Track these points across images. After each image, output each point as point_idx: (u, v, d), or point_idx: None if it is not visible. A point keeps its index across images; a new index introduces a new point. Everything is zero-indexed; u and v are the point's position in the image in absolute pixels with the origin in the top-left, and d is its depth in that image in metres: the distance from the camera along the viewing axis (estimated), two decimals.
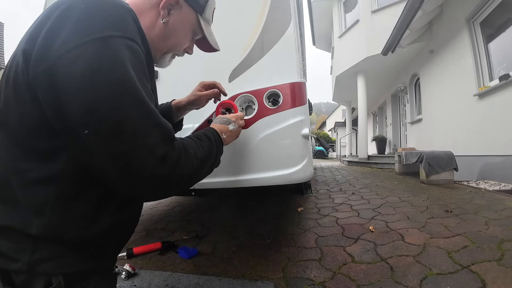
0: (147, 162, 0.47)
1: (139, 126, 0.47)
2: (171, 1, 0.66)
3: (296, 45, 1.27)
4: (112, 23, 0.48)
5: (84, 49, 0.44)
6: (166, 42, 0.70)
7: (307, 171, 1.23)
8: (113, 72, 0.45)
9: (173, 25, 0.68)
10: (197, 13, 0.73)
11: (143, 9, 0.66)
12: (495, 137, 3.47)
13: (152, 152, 0.48)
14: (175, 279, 1.27)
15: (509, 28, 3.46)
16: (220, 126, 0.77)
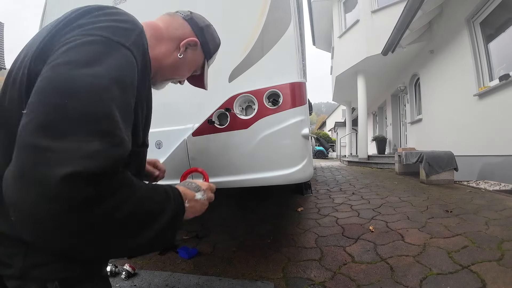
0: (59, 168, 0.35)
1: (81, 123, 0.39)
2: (192, 42, 0.75)
3: (296, 45, 1.27)
4: (115, 29, 0.50)
5: (77, 43, 0.45)
6: (173, 72, 0.77)
7: (307, 171, 1.23)
8: (84, 69, 0.42)
9: (185, 60, 0.77)
10: (205, 57, 0.83)
11: (164, 37, 0.72)
12: (495, 137, 3.47)
13: (71, 162, 0.36)
14: (175, 279, 1.27)
15: (509, 28, 3.46)
16: (186, 190, 0.59)
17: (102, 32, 0.47)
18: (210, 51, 0.83)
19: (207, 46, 0.81)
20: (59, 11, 1.88)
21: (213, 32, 0.85)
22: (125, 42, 0.49)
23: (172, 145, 1.36)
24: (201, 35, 0.79)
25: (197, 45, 0.78)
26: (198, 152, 1.32)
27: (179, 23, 0.76)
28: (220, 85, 1.33)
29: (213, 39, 0.84)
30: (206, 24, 0.82)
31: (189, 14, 0.80)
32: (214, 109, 1.30)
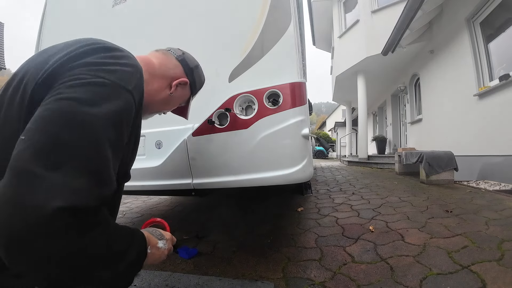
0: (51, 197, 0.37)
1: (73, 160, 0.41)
2: (183, 82, 0.84)
3: (296, 45, 1.27)
4: (119, 74, 0.54)
5: (82, 82, 0.48)
6: (163, 106, 0.85)
7: (307, 171, 1.23)
8: (86, 108, 0.46)
9: (174, 97, 0.84)
10: (191, 94, 0.93)
11: (157, 74, 0.78)
12: (495, 137, 3.48)
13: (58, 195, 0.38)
14: (175, 279, 1.27)
15: (509, 28, 3.46)
16: (150, 236, 0.61)
17: (109, 76, 0.51)
18: (196, 89, 0.93)
19: (194, 84, 0.90)
20: (59, 11, 1.88)
21: (200, 72, 0.95)
22: (127, 86, 0.54)
23: (172, 145, 1.36)
24: (191, 76, 0.87)
25: (187, 84, 0.86)
26: (198, 152, 1.32)
27: (172, 63, 0.83)
28: (220, 85, 1.33)
29: (199, 78, 0.93)
30: (195, 65, 0.91)
31: (182, 55, 0.87)
32: (214, 109, 1.31)
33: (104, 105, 0.47)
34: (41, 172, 0.39)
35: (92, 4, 1.71)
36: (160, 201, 3.30)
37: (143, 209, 2.89)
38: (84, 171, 0.42)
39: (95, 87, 0.48)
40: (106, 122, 0.47)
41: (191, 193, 1.49)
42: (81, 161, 0.42)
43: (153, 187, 1.45)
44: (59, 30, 1.80)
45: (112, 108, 0.48)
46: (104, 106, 0.47)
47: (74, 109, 0.44)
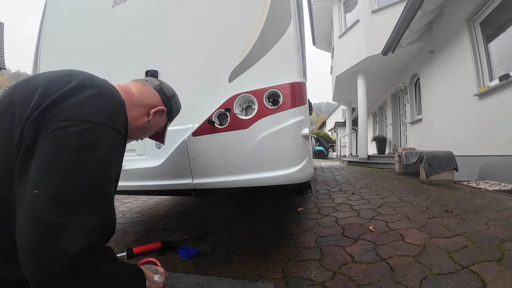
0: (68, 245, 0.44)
1: (84, 203, 0.48)
2: (161, 110, 0.87)
3: (296, 45, 1.27)
4: (107, 114, 0.57)
5: (73, 124, 0.51)
6: (140, 133, 0.88)
7: (307, 171, 1.23)
8: (83, 152, 0.51)
9: (152, 124, 0.87)
10: (168, 120, 0.97)
11: (135, 103, 0.81)
12: (495, 137, 3.47)
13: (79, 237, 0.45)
14: (175, 279, 1.27)
15: (509, 28, 3.45)
16: (147, 271, 0.68)
17: (97, 118, 0.54)
18: (172, 116, 0.97)
19: (171, 112, 0.94)
20: (59, 12, 1.87)
21: (177, 100, 0.99)
22: (116, 126, 0.58)
23: (172, 145, 1.36)
24: (168, 104, 0.91)
25: (163, 111, 0.90)
26: (198, 152, 1.32)
27: (150, 93, 0.87)
28: (220, 85, 1.33)
29: (176, 106, 0.98)
30: (172, 94, 0.95)
31: (159, 85, 0.91)
32: (214, 109, 1.30)
33: (99, 149, 0.53)
34: (61, 221, 0.45)
35: (92, 4, 1.71)
36: (160, 201, 3.30)
37: (143, 209, 2.89)
38: (96, 211, 0.49)
39: (88, 133, 0.52)
40: (105, 165, 0.53)
41: (191, 193, 1.49)
42: (91, 204, 0.49)
43: (153, 187, 1.44)
44: (59, 30, 1.80)
45: (105, 150, 0.54)
46: (99, 150, 0.53)
47: (75, 159, 0.49)
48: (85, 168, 0.50)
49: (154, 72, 1.45)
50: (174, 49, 1.45)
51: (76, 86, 0.56)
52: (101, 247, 0.49)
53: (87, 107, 0.54)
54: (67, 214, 0.45)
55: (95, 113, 0.54)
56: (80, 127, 0.51)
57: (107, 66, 1.61)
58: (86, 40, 1.69)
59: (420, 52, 6.06)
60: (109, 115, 0.57)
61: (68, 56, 1.73)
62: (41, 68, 1.80)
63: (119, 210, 2.88)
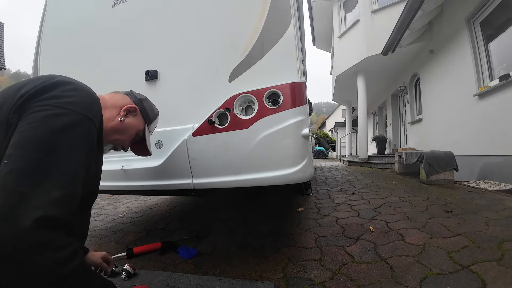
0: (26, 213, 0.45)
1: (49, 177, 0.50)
2: (131, 108, 0.91)
3: (296, 45, 1.27)
4: (81, 104, 0.62)
5: (50, 108, 0.57)
6: (114, 135, 0.88)
7: (307, 171, 1.23)
8: (54, 131, 0.54)
9: (126, 124, 0.89)
10: (146, 123, 0.99)
11: (108, 104, 0.86)
12: (495, 137, 3.47)
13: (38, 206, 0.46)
14: (175, 279, 1.27)
15: (509, 28, 3.45)
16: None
17: (72, 106, 0.60)
18: (149, 118, 0.99)
19: (146, 113, 0.97)
20: (59, 12, 1.87)
21: (151, 103, 1.03)
22: (88, 114, 0.63)
23: (172, 145, 1.36)
24: (140, 104, 0.96)
25: (137, 111, 0.93)
26: (198, 152, 1.32)
27: (120, 96, 0.93)
28: (220, 85, 1.33)
29: (151, 109, 1.01)
30: (143, 97, 1.00)
31: (129, 91, 0.98)
32: (214, 109, 1.30)
33: (71, 132, 0.57)
34: (21, 190, 0.47)
35: (92, 4, 1.71)
36: (160, 201, 3.30)
37: (143, 209, 2.89)
38: (58, 186, 0.50)
39: (61, 117, 0.57)
40: (73, 146, 0.56)
41: (191, 193, 1.49)
42: (57, 177, 0.51)
43: (153, 187, 1.44)
44: (59, 30, 1.80)
45: (76, 134, 0.58)
46: (71, 133, 0.57)
47: (46, 136, 0.53)
48: (52, 146, 0.53)
49: (154, 72, 1.45)
50: (174, 49, 1.45)
51: (57, 82, 0.64)
52: (66, 225, 0.50)
53: (63, 97, 0.60)
54: (27, 184, 0.48)
55: (70, 103, 0.60)
56: (54, 111, 0.56)
57: (107, 66, 1.61)
58: (86, 40, 1.69)
59: (420, 52, 6.05)
60: (83, 105, 0.62)
61: (68, 56, 1.74)
62: (41, 68, 1.80)
63: (119, 210, 2.88)
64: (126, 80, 1.52)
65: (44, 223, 0.46)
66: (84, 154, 0.59)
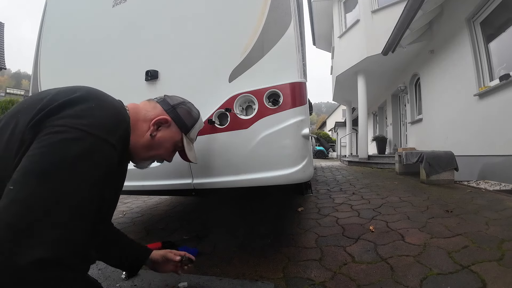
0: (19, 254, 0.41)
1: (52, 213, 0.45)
2: (162, 120, 0.78)
3: (296, 45, 1.27)
4: (104, 126, 0.55)
5: (68, 130, 0.50)
6: (148, 152, 0.78)
7: (307, 171, 1.23)
8: (66, 160, 0.48)
9: (159, 139, 0.78)
10: (182, 133, 0.85)
11: (140, 118, 0.76)
12: (495, 137, 3.47)
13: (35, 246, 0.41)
14: (175, 279, 1.27)
15: (509, 28, 3.45)
16: None
17: (93, 130, 0.53)
18: (186, 125, 0.85)
19: (181, 121, 0.84)
20: (59, 12, 1.87)
21: (188, 107, 0.88)
22: (111, 139, 0.55)
23: None
24: (173, 113, 0.82)
25: (169, 122, 0.80)
26: (198, 152, 1.31)
27: (151, 106, 0.81)
28: (220, 85, 1.33)
29: (188, 113, 0.87)
30: (178, 102, 0.86)
31: (162, 97, 0.86)
32: (214, 109, 1.30)
33: (85, 160, 0.50)
34: (19, 225, 0.42)
35: (92, 4, 1.71)
36: (160, 201, 3.30)
37: (143, 209, 2.89)
38: (59, 226, 0.45)
39: (77, 142, 0.50)
40: (86, 176, 0.50)
41: (191, 193, 1.49)
42: (61, 216, 0.45)
43: (153, 187, 1.44)
44: (59, 30, 1.80)
45: (93, 161, 0.52)
46: (85, 161, 0.50)
47: (57, 165, 0.47)
48: (62, 177, 0.47)
49: (154, 72, 1.45)
50: (174, 49, 1.45)
51: (79, 97, 0.56)
52: (61, 265, 0.44)
53: (84, 117, 0.53)
54: (28, 220, 0.43)
55: (90, 125, 0.53)
56: (71, 134, 0.50)
57: (107, 66, 1.61)
58: (86, 40, 1.69)
59: (420, 52, 6.05)
60: (106, 127, 0.56)
61: (68, 56, 1.74)
62: (41, 68, 1.80)
63: (119, 210, 2.88)
64: (126, 80, 1.53)
65: (44, 264, 0.42)
66: (98, 184, 0.53)
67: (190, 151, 0.91)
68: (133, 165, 0.83)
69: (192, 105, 0.92)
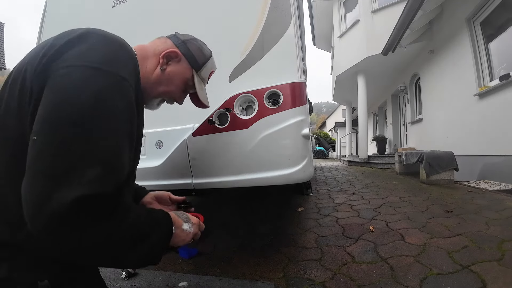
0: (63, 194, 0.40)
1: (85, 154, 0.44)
2: (172, 53, 0.75)
3: (296, 45, 1.27)
4: (112, 60, 0.53)
5: (76, 70, 0.48)
6: (158, 88, 0.76)
7: (307, 171, 1.23)
8: (86, 98, 0.47)
9: (169, 74, 0.75)
10: (193, 70, 0.81)
11: (148, 54, 0.74)
12: (495, 137, 3.47)
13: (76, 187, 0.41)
14: (175, 279, 1.27)
15: (509, 28, 3.45)
16: (176, 217, 0.63)
17: (103, 66, 0.50)
18: (197, 62, 0.82)
19: (192, 57, 0.80)
20: (59, 12, 1.87)
21: (199, 44, 0.85)
22: (119, 71, 0.53)
23: (172, 145, 1.36)
24: (183, 47, 0.79)
25: (179, 57, 0.77)
26: (198, 152, 1.32)
27: (162, 41, 0.79)
28: (220, 85, 1.33)
29: (199, 50, 0.83)
30: (189, 38, 0.84)
31: (173, 34, 0.83)
32: (214, 109, 1.30)
33: (100, 95, 0.48)
34: (58, 172, 0.42)
35: (92, 4, 1.71)
36: None
37: None
38: (98, 162, 0.44)
39: (89, 79, 0.48)
40: (106, 110, 0.48)
41: (191, 193, 1.49)
42: (92, 154, 0.45)
43: (153, 187, 1.44)
44: (59, 30, 1.80)
45: (107, 96, 0.49)
46: (100, 96, 0.48)
47: (75, 106, 0.46)
48: (84, 116, 0.46)
49: None
50: None
51: (79, 36, 0.54)
52: (105, 200, 0.44)
53: (88, 54, 0.51)
54: (61, 163, 0.42)
55: (96, 60, 0.51)
56: (80, 73, 0.48)
57: None
58: None
59: (420, 52, 6.05)
60: (112, 61, 0.53)
61: None
62: None
63: None
64: None
65: (83, 202, 0.41)
66: (124, 120, 0.51)
67: (202, 91, 0.88)
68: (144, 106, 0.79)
69: (204, 44, 0.89)
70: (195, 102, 0.93)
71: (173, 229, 0.59)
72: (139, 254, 0.50)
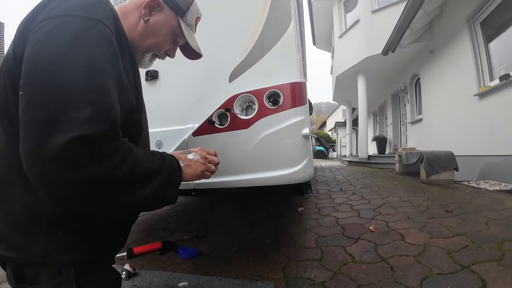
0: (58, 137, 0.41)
1: (72, 97, 0.44)
2: (152, 2, 0.72)
3: (296, 45, 1.27)
4: (88, 8, 0.52)
5: (51, 20, 0.49)
6: (145, 41, 0.74)
7: (307, 171, 1.23)
8: (63, 43, 0.47)
9: (153, 24, 0.73)
10: (178, 16, 0.78)
11: (129, 9, 0.72)
12: (495, 137, 3.47)
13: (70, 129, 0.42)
14: (175, 279, 1.27)
15: (509, 28, 3.45)
16: (178, 154, 0.66)
17: (73, 12, 0.50)
18: (180, 8, 0.78)
19: (174, 3, 0.76)
20: None
21: None
22: (95, 16, 0.52)
23: (172, 145, 1.36)
24: None
25: (161, 5, 0.74)
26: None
27: None
28: (220, 85, 1.33)
29: None
30: None
31: None
32: (214, 109, 1.31)
33: (80, 40, 0.48)
34: (48, 117, 0.42)
35: None
36: None
37: None
38: (86, 103, 0.44)
39: (63, 26, 0.48)
40: (89, 54, 0.48)
41: (191, 193, 1.49)
42: (79, 97, 0.44)
43: None
44: None
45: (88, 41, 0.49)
46: (80, 41, 0.48)
47: (54, 53, 0.46)
48: (64, 61, 0.46)
49: (154, 72, 1.45)
50: None
51: None
52: (102, 140, 0.45)
53: (62, 5, 0.51)
54: (50, 111, 0.43)
55: (71, 8, 0.51)
56: (55, 22, 0.48)
57: None
58: None
59: (420, 52, 6.05)
60: (88, 7, 0.52)
61: None
62: None
63: None
64: None
65: (79, 142, 0.42)
66: (105, 60, 0.50)
67: (192, 38, 0.85)
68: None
69: None
70: (187, 54, 0.91)
71: (180, 163, 0.61)
72: (153, 193, 0.51)
